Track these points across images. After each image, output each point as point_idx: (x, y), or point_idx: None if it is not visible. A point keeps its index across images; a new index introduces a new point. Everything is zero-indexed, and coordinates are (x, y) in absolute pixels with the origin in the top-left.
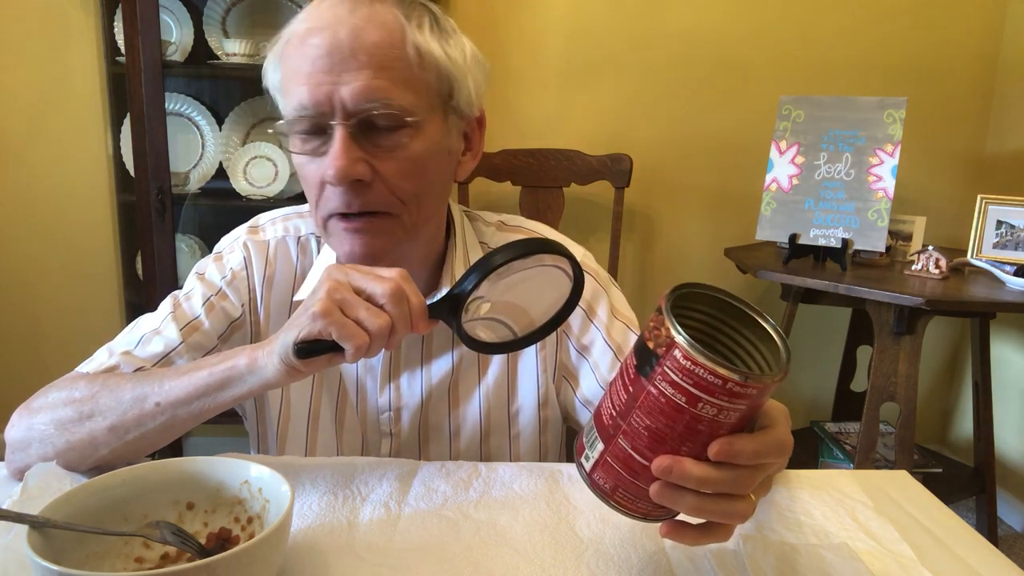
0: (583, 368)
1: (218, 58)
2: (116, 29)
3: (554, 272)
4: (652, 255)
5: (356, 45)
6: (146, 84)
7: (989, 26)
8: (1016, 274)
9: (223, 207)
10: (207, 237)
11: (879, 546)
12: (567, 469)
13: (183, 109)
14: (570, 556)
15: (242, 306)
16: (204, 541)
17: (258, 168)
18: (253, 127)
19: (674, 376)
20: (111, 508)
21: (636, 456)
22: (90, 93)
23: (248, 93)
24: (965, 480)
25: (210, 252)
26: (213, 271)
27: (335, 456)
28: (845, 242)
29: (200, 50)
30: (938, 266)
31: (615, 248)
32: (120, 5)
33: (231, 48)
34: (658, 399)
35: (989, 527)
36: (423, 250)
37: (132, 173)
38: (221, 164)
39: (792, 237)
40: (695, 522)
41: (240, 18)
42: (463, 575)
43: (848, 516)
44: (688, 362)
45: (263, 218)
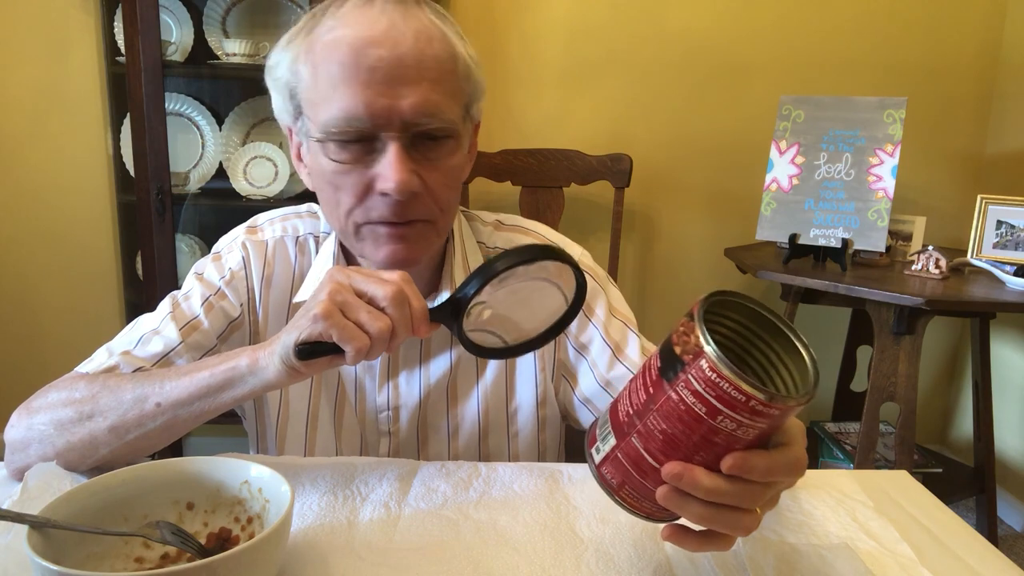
0: (581, 367)
1: (218, 58)
2: (116, 29)
3: (556, 278)
4: (652, 255)
5: (419, 59)
6: (146, 84)
7: (989, 26)
8: (1016, 274)
9: (223, 207)
10: (207, 237)
11: (879, 546)
12: (567, 469)
13: (183, 109)
14: (570, 556)
15: (241, 306)
16: (204, 541)
17: (258, 168)
18: (253, 127)
19: (697, 386)
20: (111, 508)
21: (647, 457)
22: (90, 93)
23: (248, 93)
24: (965, 480)
25: (210, 252)
26: (212, 271)
27: (334, 455)
28: (845, 242)
29: (200, 50)
30: (938, 266)
31: (615, 248)
32: (120, 5)
33: (231, 48)
34: (678, 406)
35: (989, 527)
36: None
37: (132, 173)
38: (221, 164)
39: (792, 237)
40: (697, 528)
41: (240, 18)
42: (463, 575)
43: (848, 516)
44: (714, 374)
45: (261, 218)
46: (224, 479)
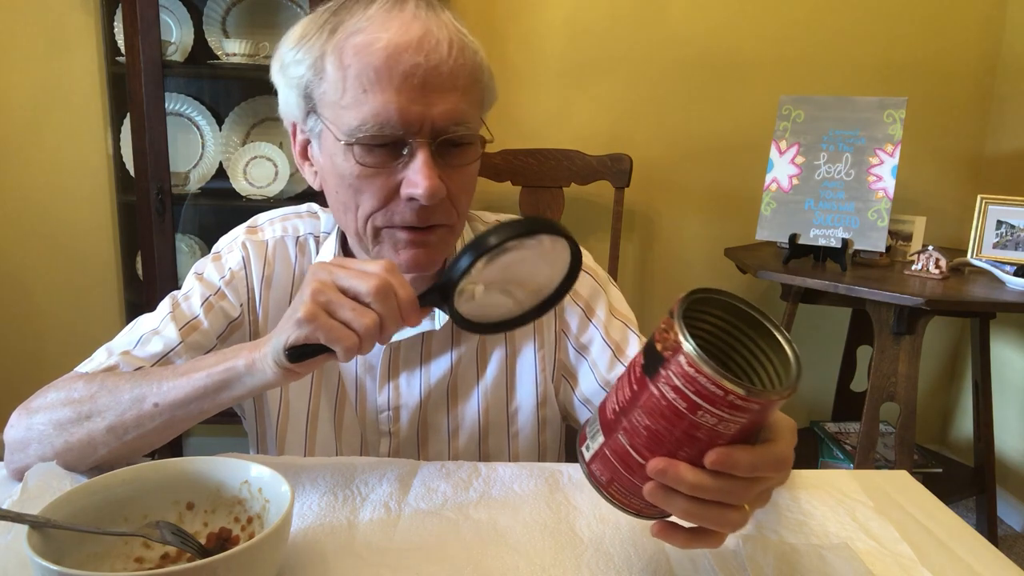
0: (582, 367)
1: (218, 58)
2: (116, 29)
3: (550, 250)
4: (652, 255)
5: (452, 68)
6: (146, 84)
7: (989, 26)
8: (1016, 274)
9: (223, 207)
10: (207, 237)
11: (879, 546)
12: (567, 469)
13: (183, 109)
14: (570, 556)
15: (241, 306)
16: (204, 541)
17: (258, 168)
18: (253, 127)
19: (677, 381)
20: (111, 508)
21: (633, 453)
22: (90, 93)
23: (248, 93)
24: (965, 480)
25: (210, 252)
26: (212, 271)
27: (334, 455)
28: (845, 242)
29: (200, 50)
30: (938, 266)
31: (615, 248)
32: (120, 5)
33: (231, 48)
34: (659, 401)
35: (989, 527)
36: None
37: (132, 173)
38: (221, 164)
39: (792, 237)
40: (687, 525)
41: (240, 18)
42: (463, 575)
43: (848, 516)
44: (692, 369)
45: (261, 218)
46: (224, 479)
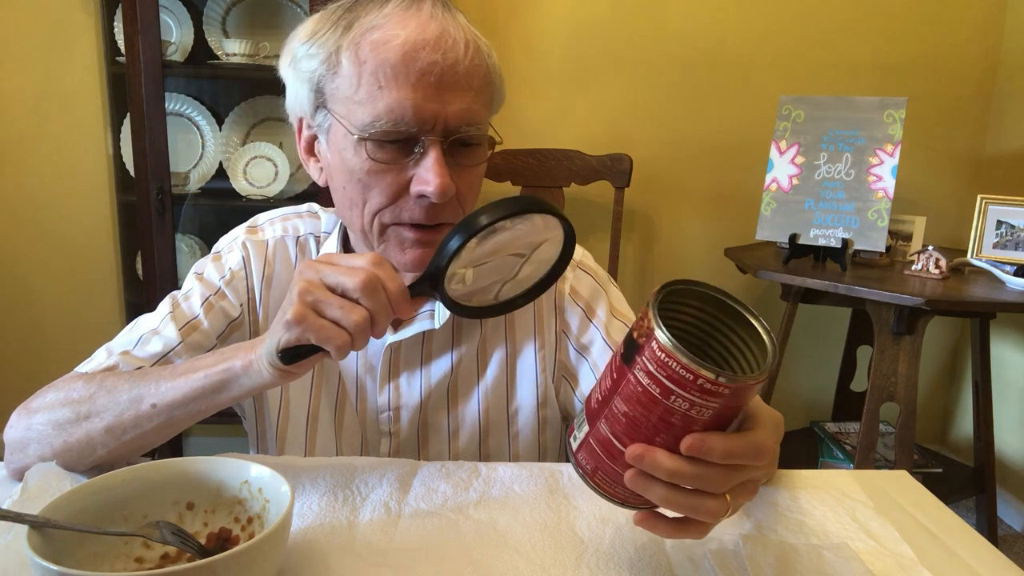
0: (582, 368)
1: (218, 58)
2: (116, 29)
3: (542, 230)
4: (652, 255)
5: (468, 68)
6: (146, 84)
7: (989, 26)
8: (1016, 274)
9: (223, 207)
10: (207, 237)
11: (879, 546)
12: (567, 469)
13: (183, 109)
14: (570, 556)
15: (241, 306)
16: (204, 541)
17: (258, 168)
18: (253, 127)
19: (650, 367)
20: (111, 508)
21: (614, 441)
22: (90, 93)
23: (248, 93)
24: (965, 480)
25: (210, 252)
26: (212, 271)
27: (334, 455)
28: (845, 242)
29: (200, 50)
30: (938, 266)
31: (615, 248)
32: (120, 5)
33: (231, 48)
34: (635, 388)
35: (989, 527)
36: None
37: (132, 173)
38: (221, 164)
39: (792, 237)
40: (671, 515)
41: (240, 18)
42: (463, 575)
43: (848, 516)
44: (663, 355)
45: (261, 218)
46: (224, 479)
